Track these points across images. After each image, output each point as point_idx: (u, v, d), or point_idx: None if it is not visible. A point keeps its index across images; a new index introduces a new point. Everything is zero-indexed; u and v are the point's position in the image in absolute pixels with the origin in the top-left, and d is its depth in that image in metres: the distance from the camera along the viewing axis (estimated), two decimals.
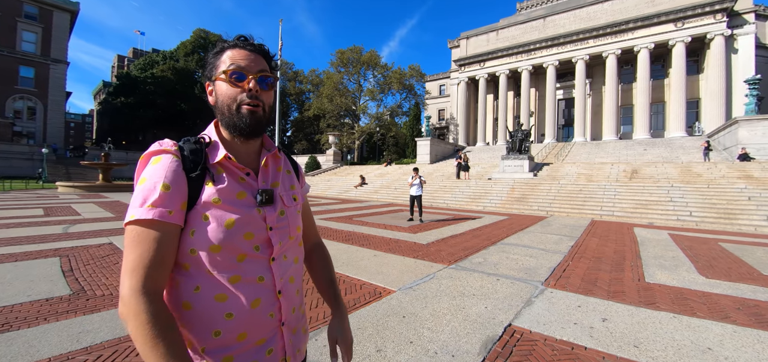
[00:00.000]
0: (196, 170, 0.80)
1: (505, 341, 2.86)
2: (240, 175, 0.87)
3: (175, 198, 0.76)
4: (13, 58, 36.07)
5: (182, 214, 0.77)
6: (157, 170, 0.78)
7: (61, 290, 3.78)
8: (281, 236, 0.90)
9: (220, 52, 0.88)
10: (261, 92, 0.86)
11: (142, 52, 79.43)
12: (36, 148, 33.42)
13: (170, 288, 0.82)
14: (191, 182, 0.80)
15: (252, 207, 0.85)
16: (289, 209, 0.94)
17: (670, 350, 2.77)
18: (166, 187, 0.76)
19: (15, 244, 5.91)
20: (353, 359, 2.52)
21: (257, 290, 0.84)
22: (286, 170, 1.01)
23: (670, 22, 29.02)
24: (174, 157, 0.80)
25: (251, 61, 0.86)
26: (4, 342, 2.61)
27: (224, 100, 0.85)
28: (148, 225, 0.73)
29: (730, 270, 5.39)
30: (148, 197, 0.74)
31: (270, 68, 0.91)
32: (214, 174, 0.83)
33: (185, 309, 0.80)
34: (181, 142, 0.84)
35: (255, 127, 0.86)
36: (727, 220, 11.04)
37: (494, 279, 4.61)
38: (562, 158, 26.79)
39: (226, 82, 0.84)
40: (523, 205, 14.83)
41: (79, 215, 10.02)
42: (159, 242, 0.73)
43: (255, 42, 0.90)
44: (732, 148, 19.56)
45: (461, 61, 41.01)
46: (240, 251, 0.81)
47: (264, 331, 0.85)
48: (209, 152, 0.85)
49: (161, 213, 0.74)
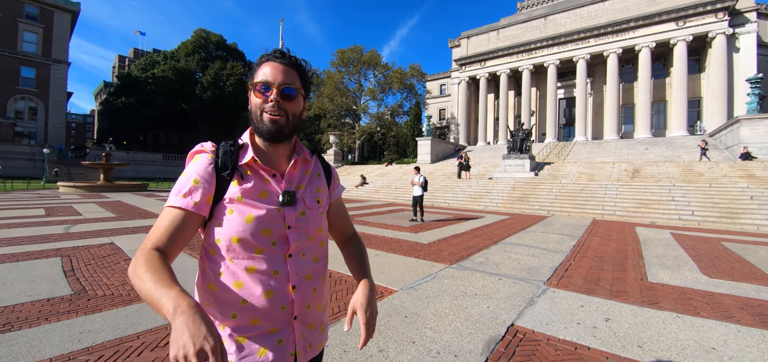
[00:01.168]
0: (227, 169, 0.92)
1: (508, 341, 2.84)
2: (266, 176, 0.96)
3: (203, 192, 0.89)
4: (14, 58, 36.13)
5: (207, 206, 0.90)
6: (194, 166, 0.92)
7: (62, 290, 3.77)
8: (300, 235, 0.97)
9: (257, 65, 0.97)
10: (284, 102, 0.94)
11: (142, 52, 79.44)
12: (37, 148, 33.47)
13: (201, 270, 0.96)
14: (221, 180, 0.91)
15: (273, 206, 0.94)
16: (310, 210, 1.01)
17: (674, 350, 2.75)
18: (197, 182, 0.89)
19: (16, 244, 5.91)
20: (354, 359, 2.51)
21: (271, 282, 0.92)
22: (315, 174, 1.09)
23: (671, 21, 28.92)
24: (210, 156, 0.93)
25: (279, 73, 0.93)
26: (5, 342, 2.60)
27: (252, 107, 0.96)
28: (175, 210, 0.87)
29: (733, 270, 5.37)
30: (182, 188, 0.89)
31: (301, 79, 0.98)
32: (243, 174, 0.93)
33: (210, 289, 0.93)
34: (220, 144, 0.96)
35: (276, 133, 0.95)
36: (730, 219, 11.01)
37: (496, 278, 4.59)
38: (564, 158, 26.73)
39: (255, 93, 0.94)
40: (525, 204, 14.80)
41: (81, 215, 10.03)
42: (177, 224, 0.86)
43: (290, 55, 0.98)
44: (734, 147, 19.49)
45: (462, 61, 40.93)
46: (257, 245, 0.91)
47: (276, 322, 0.93)
48: (241, 153, 0.95)
49: (188, 203, 0.87)
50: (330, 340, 2.74)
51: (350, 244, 1.23)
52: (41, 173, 30.62)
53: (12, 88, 35.96)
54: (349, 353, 2.59)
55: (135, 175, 37.77)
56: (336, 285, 4.14)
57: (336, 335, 2.86)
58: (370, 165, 36.17)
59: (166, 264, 0.78)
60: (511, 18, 38.76)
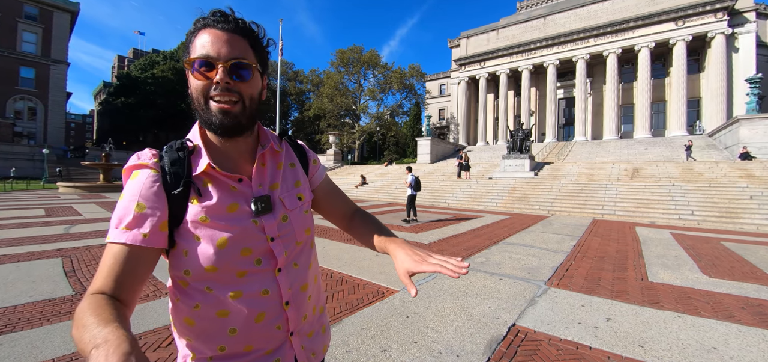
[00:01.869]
0: (178, 185, 0.72)
1: (510, 341, 2.85)
2: (230, 184, 0.77)
3: (151, 219, 0.69)
4: (13, 58, 36.07)
5: (162, 235, 0.70)
6: (133, 187, 0.71)
7: (63, 290, 3.77)
8: (286, 244, 0.81)
9: (193, 33, 0.74)
10: (236, 84, 0.73)
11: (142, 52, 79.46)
12: (37, 148, 33.42)
13: (173, 304, 0.79)
14: (173, 200, 0.72)
15: (247, 219, 0.76)
16: (292, 212, 0.84)
17: (675, 349, 2.76)
18: (141, 207, 0.69)
19: (17, 245, 5.91)
20: (356, 360, 2.51)
21: (261, 303, 0.77)
22: (288, 164, 0.90)
23: (670, 21, 28.96)
24: (152, 172, 0.72)
25: (224, 44, 0.71)
26: (7, 343, 2.61)
27: (193, 93, 0.74)
28: (120, 246, 0.66)
29: (733, 269, 5.38)
30: (123, 218, 0.68)
31: (254, 49, 0.76)
32: (200, 187, 0.74)
33: (188, 324, 0.76)
34: (163, 149, 0.76)
35: (230, 127, 0.74)
36: (729, 219, 11.02)
37: (497, 278, 4.60)
38: (563, 158, 26.76)
39: (193, 73, 0.72)
40: (525, 204, 14.81)
41: (81, 215, 10.02)
42: (129, 265, 0.66)
43: (235, 17, 0.74)
44: (733, 147, 19.53)
45: (461, 61, 40.95)
46: (238, 268, 0.75)
47: (271, 343, 0.80)
48: (193, 160, 0.75)
49: (135, 237, 0.67)
50: (332, 340, 2.74)
51: (357, 219, 1.04)
52: (41, 173, 30.58)
53: (11, 88, 35.91)
54: (351, 353, 2.60)
55: None
56: (337, 285, 4.14)
57: (338, 335, 2.86)
58: (369, 165, 36.18)
59: (115, 310, 0.58)
60: (511, 18, 38.80)
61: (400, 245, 0.87)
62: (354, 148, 49.74)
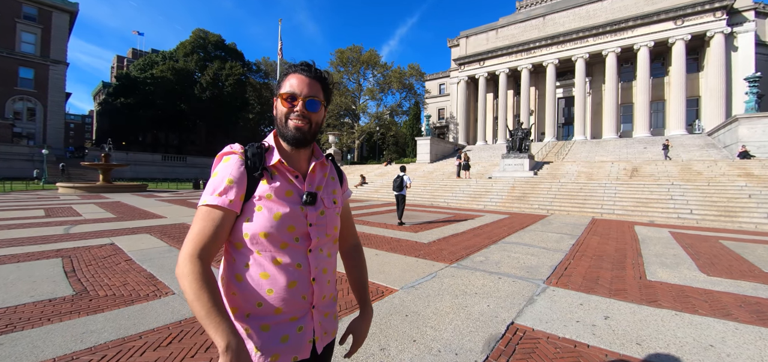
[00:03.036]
0: (257, 170, 0.99)
1: (508, 339, 2.86)
2: (290, 177, 1.03)
3: (237, 190, 0.95)
4: (12, 59, 36.05)
5: (240, 203, 0.96)
6: (226, 167, 0.98)
7: (63, 290, 3.78)
8: (319, 232, 1.05)
9: (284, 76, 1.05)
10: (309, 113, 1.02)
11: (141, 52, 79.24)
12: (36, 149, 33.40)
13: (227, 262, 1.02)
14: (252, 179, 0.98)
15: (297, 205, 1.02)
16: (328, 210, 1.09)
17: (672, 347, 2.78)
18: (231, 181, 0.95)
19: (17, 245, 5.91)
20: (355, 358, 2.53)
21: (295, 274, 1.00)
22: (331, 177, 1.17)
23: (669, 20, 28.99)
24: (240, 158, 1.00)
25: (305, 86, 1.01)
26: (8, 342, 2.62)
27: (278, 114, 1.04)
28: (213, 208, 0.93)
29: (731, 268, 5.40)
30: (216, 188, 0.94)
31: (323, 91, 1.06)
32: (271, 174, 1.01)
33: (238, 280, 0.99)
34: (247, 146, 1.03)
35: (300, 139, 1.03)
36: (728, 218, 11.05)
37: (496, 277, 4.62)
38: (563, 157, 26.78)
39: (282, 101, 1.02)
40: (524, 204, 14.83)
41: (80, 215, 10.03)
42: (217, 222, 0.92)
43: (315, 68, 1.06)
44: (732, 146, 19.57)
45: (461, 60, 40.97)
46: (282, 240, 0.98)
47: (297, 310, 1.01)
48: (267, 156, 1.02)
49: (223, 201, 0.93)
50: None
51: (354, 256, 1.33)
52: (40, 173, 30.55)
53: (10, 88, 35.88)
54: None
55: (134, 175, 37.75)
56: (337, 285, 4.15)
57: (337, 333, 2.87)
58: (369, 165, 36.19)
59: (216, 284, 0.88)
60: (510, 17, 38.81)
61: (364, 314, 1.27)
62: (353, 148, 49.77)
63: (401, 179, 9.75)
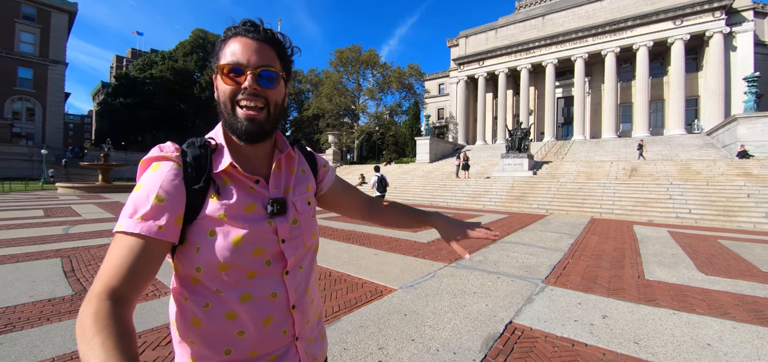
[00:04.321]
0: (199, 181, 0.73)
1: (507, 338, 2.87)
2: (248, 184, 0.78)
3: (169, 212, 0.69)
4: (11, 59, 36.02)
5: (176, 229, 0.70)
6: (153, 178, 0.70)
7: (63, 290, 3.79)
8: (295, 247, 0.83)
9: (223, 41, 0.77)
10: (263, 90, 0.75)
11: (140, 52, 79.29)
12: (35, 149, 33.38)
13: (179, 304, 0.77)
14: (192, 194, 0.72)
15: (262, 220, 0.78)
16: (302, 216, 0.86)
17: (669, 346, 2.79)
18: (160, 199, 0.68)
19: (16, 245, 5.91)
20: (354, 357, 2.54)
21: (269, 307, 0.78)
22: (300, 170, 0.93)
23: (668, 20, 29.04)
24: (174, 165, 0.72)
25: (253, 52, 0.74)
26: (7, 342, 2.62)
27: (220, 97, 0.76)
28: (133, 238, 0.65)
29: (729, 267, 5.41)
30: (138, 208, 0.67)
31: (280, 58, 0.79)
32: (220, 185, 0.75)
33: (194, 325, 0.75)
34: (185, 145, 0.76)
35: (254, 132, 0.76)
36: (727, 217, 11.07)
37: (495, 277, 4.63)
38: (562, 157, 26.81)
39: (223, 78, 0.75)
40: (523, 203, 14.85)
41: (80, 216, 10.02)
42: (141, 257, 0.65)
43: (264, 27, 0.78)
44: (731, 145, 19.60)
45: (460, 60, 41.01)
46: (249, 268, 0.75)
47: (276, 347, 0.80)
48: (214, 158, 0.76)
49: (149, 228, 0.66)
50: (329, 338, 2.77)
51: (376, 206, 1.15)
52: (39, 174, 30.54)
53: (9, 89, 35.85)
54: (349, 350, 2.62)
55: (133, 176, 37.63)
56: (335, 284, 4.16)
57: (336, 333, 2.89)
58: (369, 165, 36.19)
59: (120, 327, 0.57)
60: (509, 17, 38.85)
61: (442, 220, 1.08)
62: (353, 147, 49.77)
63: (382, 178, 10.36)
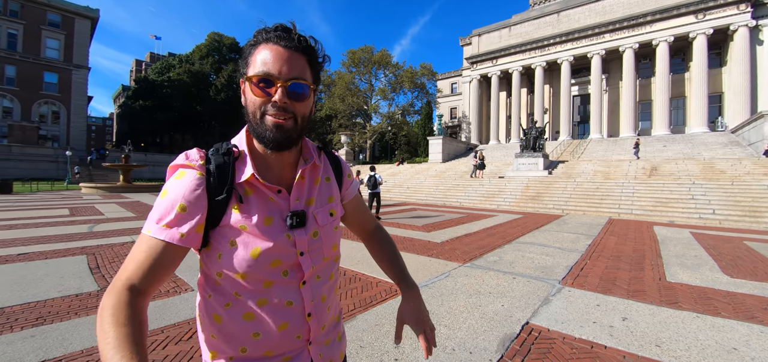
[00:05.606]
0: (221, 191, 0.74)
1: (523, 339, 2.84)
2: (269, 195, 0.79)
3: (191, 221, 0.72)
4: (37, 64, 37.48)
5: (197, 236, 0.74)
6: (178, 186, 0.73)
7: (89, 286, 3.94)
8: (314, 259, 0.84)
9: (253, 46, 0.76)
10: (292, 103, 0.75)
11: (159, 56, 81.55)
12: (60, 151, 34.64)
13: (204, 299, 0.81)
14: (215, 204, 0.74)
15: (280, 233, 0.78)
16: (323, 228, 0.86)
17: (693, 350, 2.71)
18: (183, 208, 0.72)
19: (44, 243, 6.17)
20: (371, 355, 2.56)
21: (285, 314, 0.80)
22: (324, 179, 0.91)
23: (690, 13, 28.06)
24: (198, 174, 0.74)
25: (284, 62, 0.73)
26: (39, 334, 2.75)
27: (248, 106, 0.77)
28: (158, 242, 0.70)
29: (755, 270, 5.21)
30: (164, 216, 0.71)
31: (310, 67, 0.78)
32: (241, 195, 0.76)
33: (216, 320, 0.79)
34: (210, 151, 0.78)
35: (281, 142, 0.76)
36: (753, 218, 10.65)
37: (510, 277, 4.58)
38: (578, 156, 26.27)
39: (253, 88, 0.75)
40: (538, 203, 14.62)
41: (103, 215, 10.37)
42: (161, 259, 0.70)
43: (297, 34, 0.76)
44: (758, 143, 18.82)
45: (473, 59, 40.61)
46: (266, 278, 0.78)
47: (290, 349, 0.83)
48: (237, 166, 0.78)
49: (172, 235, 0.70)
50: (346, 336, 2.79)
51: (376, 237, 1.13)
52: (64, 174, 31.69)
53: (36, 93, 37.33)
54: (365, 348, 2.64)
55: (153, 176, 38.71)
56: (350, 283, 4.20)
57: (352, 331, 2.91)
58: (381, 165, 36.24)
59: (135, 319, 0.62)
60: (523, 15, 38.26)
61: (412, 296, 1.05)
62: (365, 148, 49.92)
63: (371, 177, 10.73)
